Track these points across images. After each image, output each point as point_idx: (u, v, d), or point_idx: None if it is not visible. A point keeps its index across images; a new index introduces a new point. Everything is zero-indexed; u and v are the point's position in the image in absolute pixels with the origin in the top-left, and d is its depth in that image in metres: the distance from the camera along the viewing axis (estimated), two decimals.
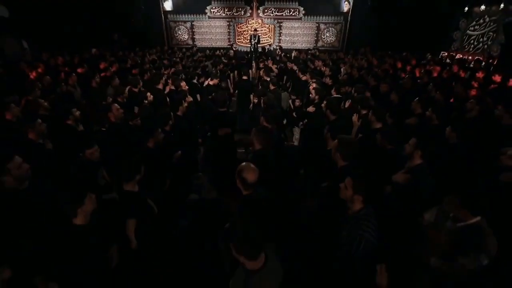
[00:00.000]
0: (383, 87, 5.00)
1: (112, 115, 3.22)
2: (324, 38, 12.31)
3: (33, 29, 8.77)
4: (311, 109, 4.36)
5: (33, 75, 5.84)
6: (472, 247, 1.56)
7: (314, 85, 4.72)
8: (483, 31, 9.53)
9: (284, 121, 5.24)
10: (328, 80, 5.71)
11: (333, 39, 12.23)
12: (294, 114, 5.48)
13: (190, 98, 4.39)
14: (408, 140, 2.44)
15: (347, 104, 4.57)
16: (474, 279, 1.67)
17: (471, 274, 1.61)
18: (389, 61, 8.30)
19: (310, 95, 4.54)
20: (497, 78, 5.74)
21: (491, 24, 9.19)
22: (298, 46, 12.20)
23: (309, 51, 10.68)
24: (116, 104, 3.38)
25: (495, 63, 7.96)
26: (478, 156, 2.72)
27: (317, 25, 12.03)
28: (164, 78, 5.41)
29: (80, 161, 2.52)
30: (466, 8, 10.07)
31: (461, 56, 10.23)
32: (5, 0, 8.09)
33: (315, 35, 12.22)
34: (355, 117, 3.41)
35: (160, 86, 4.94)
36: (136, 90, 4.69)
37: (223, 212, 2.96)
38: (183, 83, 4.92)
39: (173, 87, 5.13)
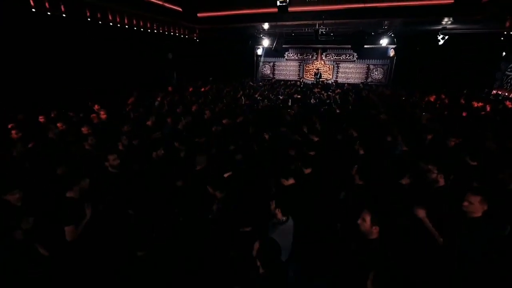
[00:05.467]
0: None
1: (241, 101, 7.84)
2: (373, 76, 15.54)
3: (181, 66, 14.86)
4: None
5: (190, 89, 11.46)
6: None
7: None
8: None
9: None
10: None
11: (380, 76, 15.34)
12: None
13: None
14: None
15: None
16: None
17: None
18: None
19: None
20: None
21: None
22: (351, 81, 15.75)
23: (360, 85, 14.17)
24: (242, 99, 8.06)
25: None
26: None
27: (367, 65, 15.48)
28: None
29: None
30: (504, 53, 11.92)
31: (500, 92, 11.96)
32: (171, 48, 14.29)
33: (366, 73, 15.62)
34: None
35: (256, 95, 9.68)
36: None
37: None
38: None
39: (260, 97, 9.75)
